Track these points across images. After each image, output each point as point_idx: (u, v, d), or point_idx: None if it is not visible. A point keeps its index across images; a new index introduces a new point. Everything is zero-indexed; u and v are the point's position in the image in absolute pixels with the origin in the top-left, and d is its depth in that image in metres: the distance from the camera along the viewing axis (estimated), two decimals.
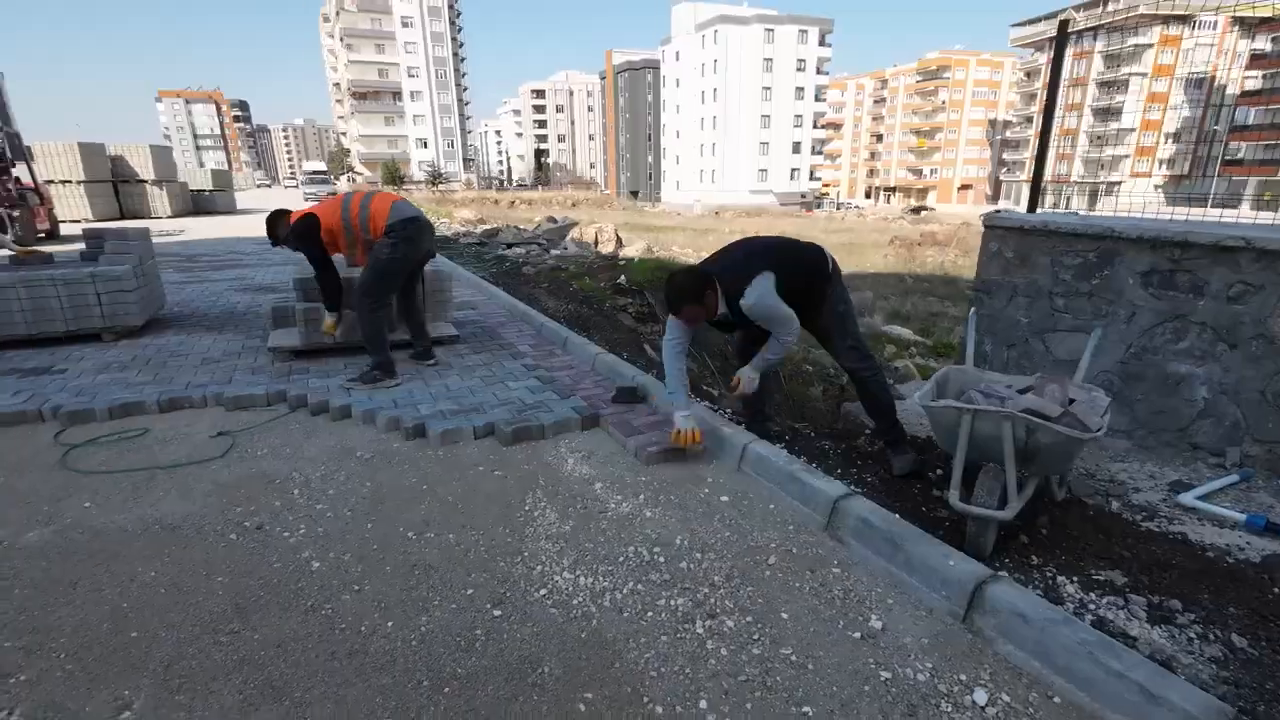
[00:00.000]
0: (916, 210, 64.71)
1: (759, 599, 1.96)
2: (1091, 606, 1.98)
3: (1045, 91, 3.55)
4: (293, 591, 1.98)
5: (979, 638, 1.78)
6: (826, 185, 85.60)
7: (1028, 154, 65.72)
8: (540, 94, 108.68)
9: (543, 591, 1.99)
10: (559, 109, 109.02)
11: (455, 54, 76.57)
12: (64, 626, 1.82)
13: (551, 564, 2.14)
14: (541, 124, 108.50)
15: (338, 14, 70.79)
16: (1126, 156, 57.65)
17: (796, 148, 67.24)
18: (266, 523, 2.38)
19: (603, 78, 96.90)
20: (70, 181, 16.34)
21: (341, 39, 71.16)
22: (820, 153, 71.97)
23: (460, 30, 79.41)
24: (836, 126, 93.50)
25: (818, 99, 67.69)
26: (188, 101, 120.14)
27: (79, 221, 15.68)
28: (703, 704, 1.57)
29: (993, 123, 79.50)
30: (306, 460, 2.90)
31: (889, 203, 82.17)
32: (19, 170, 12.27)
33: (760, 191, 65.52)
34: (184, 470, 2.81)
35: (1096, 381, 3.27)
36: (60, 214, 14.47)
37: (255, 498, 2.57)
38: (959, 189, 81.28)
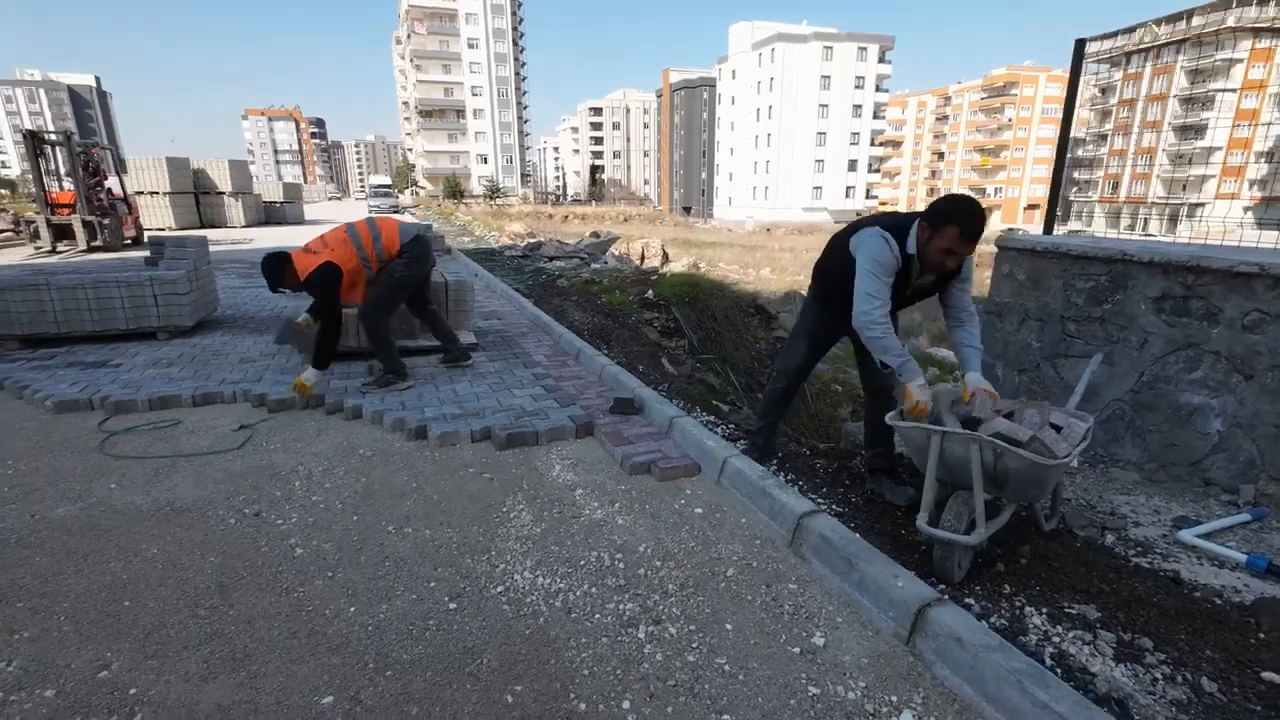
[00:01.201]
0: None
1: (706, 609, 1.98)
2: (1055, 639, 1.93)
3: (1062, 113, 3.46)
4: (272, 574, 2.13)
5: (919, 660, 1.75)
6: (884, 204, 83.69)
7: (1101, 173, 62.67)
8: (598, 111, 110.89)
9: (500, 589, 2.07)
10: (615, 126, 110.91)
11: (517, 74, 79.24)
12: (70, 592, 2.02)
13: (515, 563, 2.22)
14: (598, 140, 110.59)
15: (409, 37, 74.46)
16: (1212, 177, 54.20)
17: (853, 165, 66.25)
18: (264, 510, 2.56)
19: (659, 95, 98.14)
20: (157, 193, 17.70)
21: (411, 60, 74.76)
22: (878, 171, 70.64)
23: (523, 51, 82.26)
24: (896, 144, 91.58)
25: (876, 116, 66.63)
26: (270, 119, 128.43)
27: (163, 229, 16.95)
28: (625, 704, 1.61)
29: None
30: (313, 455, 3.09)
31: None
32: (111, 182, 13.40)
33: (814, 209, 64.74)
34: (203, 459, 3.04)
35: (1106, 411, 3.15)
36: (146, 222, 15.68)
37: (260, 487, 2.76)
38: (1025, 209, 78.13)
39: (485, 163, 77.74)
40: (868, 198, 68.78)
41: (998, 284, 3.69)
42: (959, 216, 2.24)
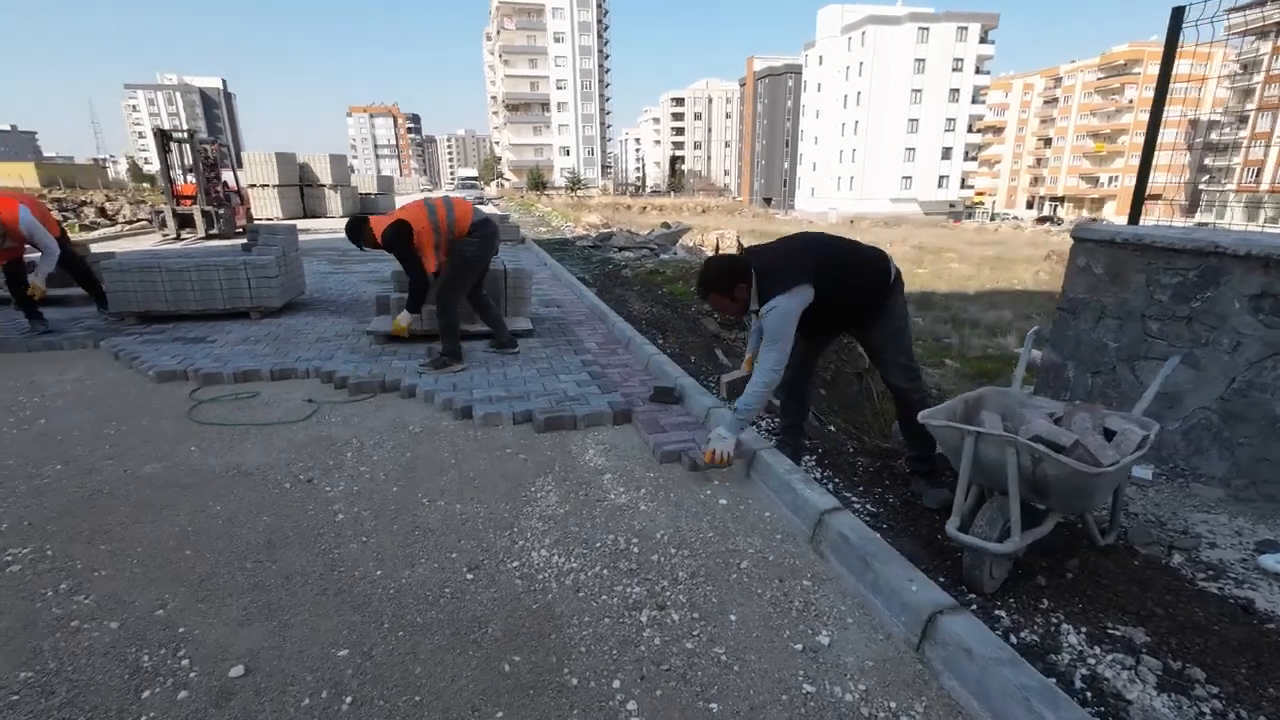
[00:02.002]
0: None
1: (713, 598, 1.98)
2: (1091, 660, 1.79)
3: (1154, 92, 3.14)
4: (314, 535, 2.31)
5: (927, 669, 1.68)
6: (980, 194, 78.68)
7: (1239, 160, 56.03)
8: (680, 102, 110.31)
9: (515, 564, 2.15)
10: (697, 116, 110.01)
11: (600, 66, 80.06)
12: (143, 539, 2.27)
13: (534, 541, 2.29)
14: (679, 131, 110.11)
15: (498, 33, 76.81)
16: None
17: (947, 154, 62.61)
18: (316, 477, 2.76)
19: (742, 84, 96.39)
20: (267, 185, 19.25)
21: (500, 55, 77.09)
22: (974, 159, 66.38)
23: (607, 43, 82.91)
24: (997, 130, 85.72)
25: (976, 100, 62.57)
26: (371, 116, 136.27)
27: (271, 219, 18.42)
28: (615, 683, 1.64)
29: (1194, 124, 68.66)
30: (367, 430, 3.30)
31: (1057, 213, 73.76)
32: (226, 175, 14.68)
33: (903, 200, 61.79)
34: (272, 428, 3.31)
35: (1190, 420, 2.86)
36: (256, 213, 17.10)
37: (316, 456, 2.98)
38: (1146, 199, 71.14)
39: (567, 155, 79.26)
40: (963, 188, 64.84)
41: (1072, 278, 3.41)
42: None
